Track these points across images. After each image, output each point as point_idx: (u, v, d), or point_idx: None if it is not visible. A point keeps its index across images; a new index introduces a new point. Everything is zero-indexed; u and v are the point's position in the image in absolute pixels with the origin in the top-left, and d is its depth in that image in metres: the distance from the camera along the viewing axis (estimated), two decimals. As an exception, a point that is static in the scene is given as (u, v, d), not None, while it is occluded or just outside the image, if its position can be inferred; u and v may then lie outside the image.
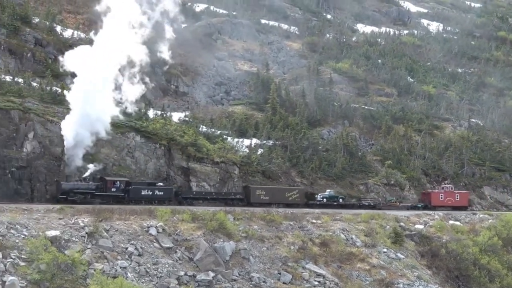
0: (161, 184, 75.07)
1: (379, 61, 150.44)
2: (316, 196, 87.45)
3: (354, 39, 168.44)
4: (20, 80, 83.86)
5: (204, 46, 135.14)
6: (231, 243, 59.13)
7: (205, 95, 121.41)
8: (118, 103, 78.06)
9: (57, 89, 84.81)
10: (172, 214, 61.00)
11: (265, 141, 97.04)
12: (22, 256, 46.84)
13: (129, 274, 50.36)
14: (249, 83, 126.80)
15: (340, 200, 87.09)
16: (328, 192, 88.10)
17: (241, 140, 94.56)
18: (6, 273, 44.56)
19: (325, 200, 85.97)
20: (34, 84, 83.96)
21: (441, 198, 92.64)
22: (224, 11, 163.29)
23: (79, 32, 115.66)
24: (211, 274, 54.78)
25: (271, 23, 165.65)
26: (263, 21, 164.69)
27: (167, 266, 53.42)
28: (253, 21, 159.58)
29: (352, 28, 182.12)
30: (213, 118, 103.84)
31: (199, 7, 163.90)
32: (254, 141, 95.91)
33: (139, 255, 53.28)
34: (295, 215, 70.50)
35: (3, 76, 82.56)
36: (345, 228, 70.09)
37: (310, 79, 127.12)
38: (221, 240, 59.00)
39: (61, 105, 78.97)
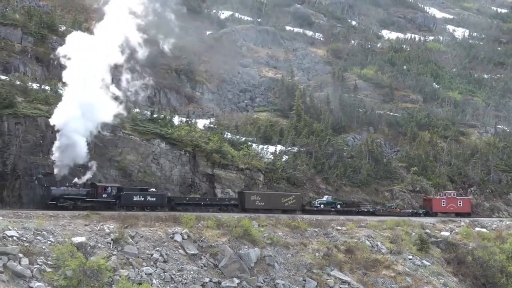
0: (153, 190, 73.46)
1: (404, 67, 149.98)
2: (312, 202, 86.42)
3: (379, 45, 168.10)
4: (47, 87, 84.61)
5: (229, 53, 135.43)
6: (256, 250, 59.10)
7: (230, 102, 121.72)
8: (116, 97, 77.47)
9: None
10: (197, 220, 61.13)
11: (289, 148, 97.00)
12: (49, 262, 47.14)
13: (154, 281, 50.51)
14: (274, 90, 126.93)
15: (338, 206, 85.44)
16: (325, 198, 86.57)
17: (265, 146, 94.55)
18: (33, 279, 44.89)
19: (322, 206, 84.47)
20: (61, 91, 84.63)
21: (443, 204, 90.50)
22: (249, 18, 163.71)
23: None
24: (236, 280, 54.79)
25: (296, 29, 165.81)
26: (287, 28, 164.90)
27: (192, 272, 53.51)
28: (277, 28, 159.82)
29: (377, 34, 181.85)
30: (237, 124, 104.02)
31: (224, 14, 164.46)
32: (279, 147, 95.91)
33: (164, 261, 53.42)
34: (320, 222, 70.35)
35: (30, 83, 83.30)
36: (370, 235, 69.81)
37: (334, 86, 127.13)
38: (246, 246, 58.99)
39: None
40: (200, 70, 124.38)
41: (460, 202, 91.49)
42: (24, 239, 48.58)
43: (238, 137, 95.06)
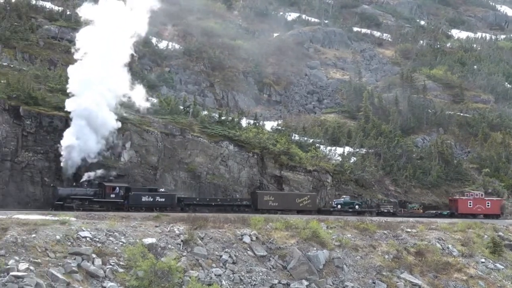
0: (162, 190, 72.03)
1: (475, 67, 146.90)
2: (330, 202, 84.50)
3: (448, 45, 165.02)
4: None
5: (296, 55, 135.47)
6: (325, 252, 58.93)
7: (297, 104, 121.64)
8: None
9: (153, 99, 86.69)
10: (266, 222, 61.34)
11: (358, 149, 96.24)
12: (121, 262, 48.07)
13: (223, 282, 50.89)
14: (342, 91, 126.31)
15: (357, 206, 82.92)
16: (343, 198, 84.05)
17: (333, 148, 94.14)
18: (105, 279, 45.87)
19: (339, 206, 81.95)
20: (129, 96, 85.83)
21: (470, 205, 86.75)
22: (316, 20, 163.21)
23: (173, 43, 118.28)
24: (305, 282, 54.74)
25: (363, 30, 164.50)
26: (355, 28, 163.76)
27: (261, 274, 53.70)
28: (345, 29, 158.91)
29: (446, 34, 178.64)
30: (305, 126, 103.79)
31: (291, 16, 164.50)
32: (347, 149, 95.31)
33: (233, 263, 53.77)
34: (389, 224, 69.80)
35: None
36: (441, 237, 68.83)
37: (403, 86, 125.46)
38: (315, 248, 58.87)
39: (156, 114, 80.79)
40: (267, 72, 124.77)
41: (488, 203, 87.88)
42: (97, 240, 49.72)
43: (305, 138, 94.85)
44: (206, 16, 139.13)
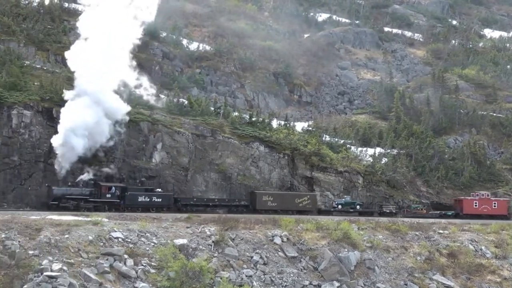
0: (159, 190, 70.60)
1: (508, 66, 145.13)
2: (330, 202, 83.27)
3: (481, 44, 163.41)
4: (149, 92, 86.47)
5: (327, 56, 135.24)
6: (356, 253, 58.67)
7: (328, 105, 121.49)
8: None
9: (184, 100, 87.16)
10: (296, 223, 61.31)
11: (389, 150, 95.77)
12: (152, 263, 48.35)
13: (254, 283, 50.93)
14: (373, 92, 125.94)
15: (358, 206, 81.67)
16: (344, 198, 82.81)
17: (364, 149, 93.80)
18: (137, 279, 46.18)
19: (340, 206, 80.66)
20: (162, 96, 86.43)
21: (475, 205, 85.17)
22: (347, 20, 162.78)
23: (204, 45, 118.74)
24: (336, 284, 54.56)
25: (394, 30, 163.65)
26: (386, 29, 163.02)
27: (292, 275, 53.65)
28: (376, 29, 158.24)
29: (479, 33, 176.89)
30: (336, 127, 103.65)
31: (322, 17, 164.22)
32: (378, 150, 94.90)
33: (264, 264, 53.78)
34: (421, 225, 69.23)
35: (133, 89, 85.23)
36: (474, 239, 68.10)
37: (435, 87, 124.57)
38: (346, 249, 58.66)
39: (187, 116, 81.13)
40: (298, 73, 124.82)
41: (495, 203, 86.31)
42: (129, 240, 50.08)
43: (336, 139, 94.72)
44: (236, 17, 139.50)
